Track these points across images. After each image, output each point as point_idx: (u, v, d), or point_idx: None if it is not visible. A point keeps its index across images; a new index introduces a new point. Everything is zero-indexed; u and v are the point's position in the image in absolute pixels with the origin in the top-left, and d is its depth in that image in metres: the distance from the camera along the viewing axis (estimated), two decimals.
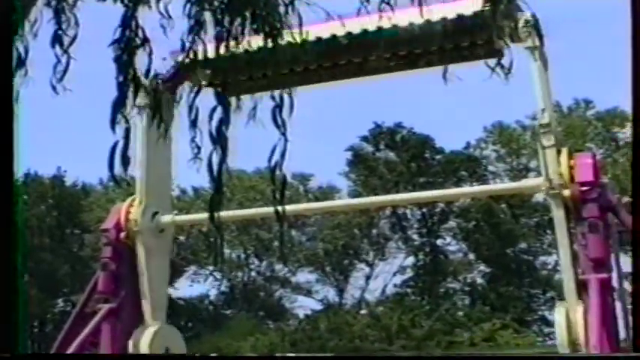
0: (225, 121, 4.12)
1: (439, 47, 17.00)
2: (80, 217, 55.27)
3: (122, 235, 22.26)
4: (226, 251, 55.45)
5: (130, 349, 22.24)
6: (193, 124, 4.16)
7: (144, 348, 21.60)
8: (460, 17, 16.17)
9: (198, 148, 4.14)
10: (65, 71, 4.88)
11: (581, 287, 18.65)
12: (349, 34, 15.07)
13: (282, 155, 4.16)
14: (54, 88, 4.89)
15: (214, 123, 4.04)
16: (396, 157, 54.62)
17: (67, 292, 53.69)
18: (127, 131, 4.11)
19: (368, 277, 56.23)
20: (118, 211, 23.28)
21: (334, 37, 15.33)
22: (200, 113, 4.15)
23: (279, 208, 4.13)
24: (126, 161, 4.13)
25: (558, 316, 16.92)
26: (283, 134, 4.12)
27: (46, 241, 52.96)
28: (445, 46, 16.80)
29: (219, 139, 4.16)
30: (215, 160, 4.14)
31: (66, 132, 59.02)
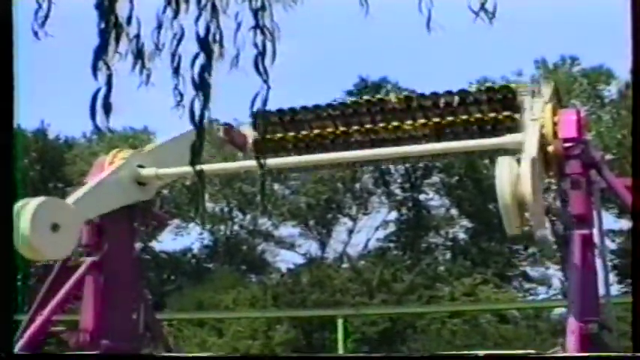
0: (207, 68, 4.11)
1: None
2: (63, 171, 55.06)
3: None
4: (209, 205, 55.43)
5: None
6: (176, 71, 4.13)
7: (24, 223, 20.22)
8: None
9: (181, 95, 4.12)
10: (47, 16, 4.82)
11: (563, 244, 18.78)
12: None
13: (264, 103, 4.15)
14: (36, 33, 4.83)
15: (196, 69, 4.03)
16: None
17: None
18: (109, 78, 4.06)
19: (350, 232, 56.42)
20: (101, 164, 23.21)
21: None
22: (182, 61, 4.15)
23: (261, 156, 4.14)
24: (108, 109, 4.08)
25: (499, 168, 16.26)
26: (265, 81, 4.10)
27: (30, 194, 52.74)
28: None
29: (202, 86, 4.15)
30: (197, 107, 4.13)
31: (48, 84, 58.55)
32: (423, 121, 17.76)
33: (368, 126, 19.14)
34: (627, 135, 43.31)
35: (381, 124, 18.88)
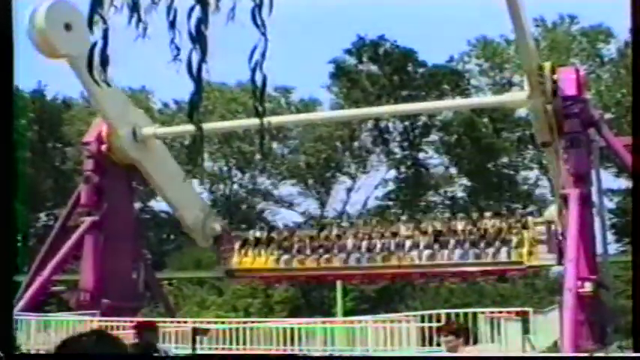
0: (203, 20, 4.09)
1: None
2: (61, 131, 54.99)
3: (103, 147, 22.25)
4: (208, 164, 55.45)
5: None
6: (172, 25, 4.11)
7: (40, 20, 21.11)
8: None
9: (178, 49, 4.11)
10: None
11: (562, 201, 18.79)
12: None
13: (263, 55, 4.14)
14: None
15: (193, 22, 4.02)
16: (379, 70, 54.34)
17: (50, 206, 53.75)
18: (105, 31, 4.05)
19: (350, 190, 56.52)
20: (100, 124, 23.21)
21: None
22: (178, 15, 4.14)
23: (260, 109, 4.14)
24: (105, 62, 4.07)
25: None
26: (263, 34, 4.09)
27: (28, 155, 52.74)
28: None
29: (199, 39, 4.13)
30: (194, 60, 4.12)
31: None
32: None
33: None
34: (627, 94, 43.25)
35: None
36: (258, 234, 29.73)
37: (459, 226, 27.48)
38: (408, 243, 27.42)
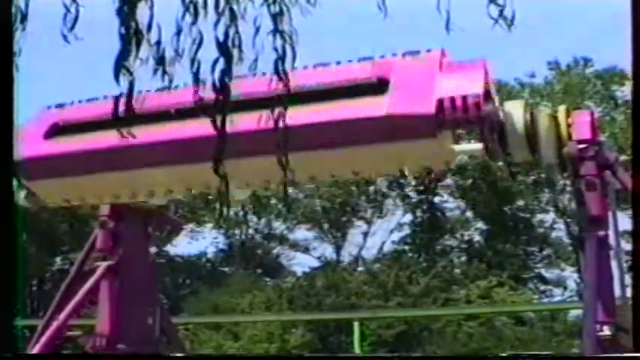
0: (227, 72, 4.16)
1: None
2: None
3: None
4: (224, 208, 55.40)
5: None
6: (196, 76, 4.18)
7: None
8: None
9: (202, 100, 4.18)
10: (76, 20, 4.89)
11: (579, 245, 18.72)
12: None
13: (285, 107, 4.21)
14: (65, 37, 4.90)
15: (217, 75, 4.08)
16: None
17: (66, 250, 53.85)
18: (131, 84, 4.12)
19: (365, 235, 56.45)
20: None
21: None
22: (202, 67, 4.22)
23: (284, 160, 4.19)
24: (131, 114, 4.15)
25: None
26: (286, 85, 4.16)
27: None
28: None
29: (222, 90, 4.21)
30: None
31: (64, 85, 58.73)
32: None
33: None
34: None
35: None
36: None
37: None
38: None
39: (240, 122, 5.15)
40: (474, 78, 13.91)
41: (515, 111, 15.60)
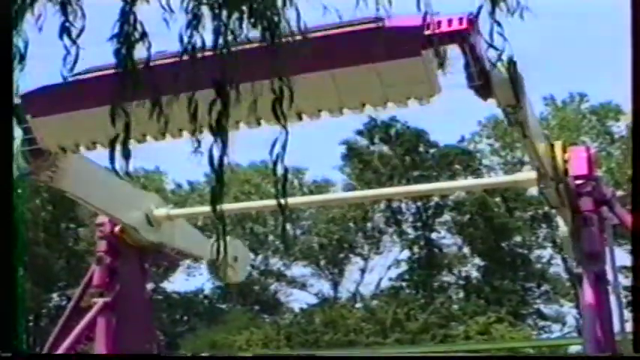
0: (224, 114, 4.18)
1: None
2: (75, 211, 55.17)
3: (117, 229, 22.24)
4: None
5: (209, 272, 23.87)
6: (193, 118, 4.20)
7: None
8: None
9: (199, 142, 4.18)
10: (75, 62, 4.93)
11: (576, 280, 18.72)
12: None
13: (284, 148, 4.21)
14: (64, 78, 4.94)
15: (214, 115, 4.09)
16: (391, 150, 54.62)
17: (63, 286, 53.67)
18: (127, 125, 4.13)
19: (363, 271, 56.32)
20: None
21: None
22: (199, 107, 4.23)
23: (282, 200, 4.18)
24: (127, 155, 4.15)
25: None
26: (284, 127, 4.16)
27: (41, 235, 52.85)
28: None
29: (220, 132, 4.22)
30: (215, 152, 4.20)
31: None
32: None
33: None
34: None
35: None
36: None
37: None
38: None
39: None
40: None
41: None
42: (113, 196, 21.08)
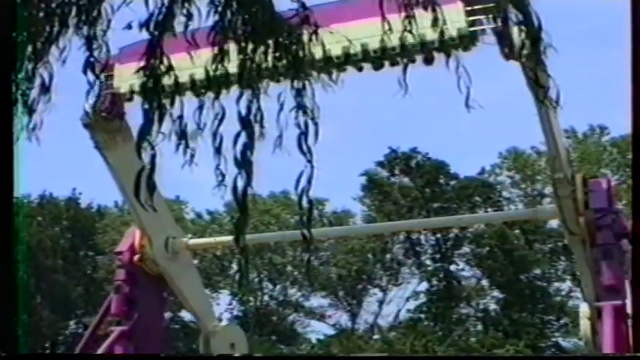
0: (249, 147, 4.21)
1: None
2: (94, 240, 55.39)
3: (136, 258, 22.32)
4: (239, 275, 55.35)
5: (201, 348, 23.38)
6: (218, 150, 4.24)
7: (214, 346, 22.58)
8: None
9: (223, 175, 4.21)
10: (99, 96, 4.99)
11: (596, 314, 18.59)
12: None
13: (309, 181, 4.24)
14: (87, 113, 5.02)
15: (239, 148, 4.13)
16: (411, 182, 54.58)
17: (80, 314, 53.76)
18: (153, 158, 4.18)
19: (381, 302, 56.13)
20: (133, 234, 23.34)
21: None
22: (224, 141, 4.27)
23: (306, 232, 4.21)
24: (152, 188, 4.19)
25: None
26: (309, 161, 4.19)
27: (60, 262, 53.08)
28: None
29: (244, 165, 4.25)
30: (240, 184, 4.23)
31: (82, 155, 59.26)
32: None
33: None
34: None
35: None
36: None
37: None
38: None
39: None
40: None
41: None
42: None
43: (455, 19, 14.77)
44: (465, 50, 14.57)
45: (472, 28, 14.81)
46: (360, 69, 15.94)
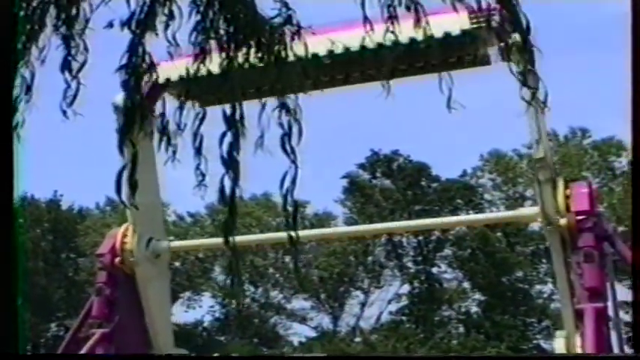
0: (235, 146, 4.19)
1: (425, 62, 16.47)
2: (76, 242, 55.15)
3: (117, 260, 22.24)
4: (221, 278, 55.30)
5: None
6: (198, 151, 4.21)
7: None
8: (447, 35, 15.73)
9: (203, 175, 4.19)
10: (75, 96, 4.96)
11: (577, 316, 18.65)
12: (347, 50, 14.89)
13: (293, 182, 4.22)
14: (64, 112, 4.98)
15: (225, 148, 4.10)
16: (393, 184, 54.63)
17: (61, 316, 53.52)
18: (134, 156, 4.15)
19: (363, 305, 56.11)
20: (114, 236, 23.28)
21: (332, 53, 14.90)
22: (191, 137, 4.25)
23: (293, 234, 4.19)
24: (134, 186, 4.17)
25: (558, 345, 16.89)
26: (293, 162, 4.17)
27: (41, 265, 52.81)
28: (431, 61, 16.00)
29: (232, 164, 4.23)
30: (227, 184, 4.21)
31: (63, 156, 59.00)
32: None
33: None
34: None
35: None
36: None
37: None
38: None
39: None
40: None
41: None
42: (145, 191, 20.87)
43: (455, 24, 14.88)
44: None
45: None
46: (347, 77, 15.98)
